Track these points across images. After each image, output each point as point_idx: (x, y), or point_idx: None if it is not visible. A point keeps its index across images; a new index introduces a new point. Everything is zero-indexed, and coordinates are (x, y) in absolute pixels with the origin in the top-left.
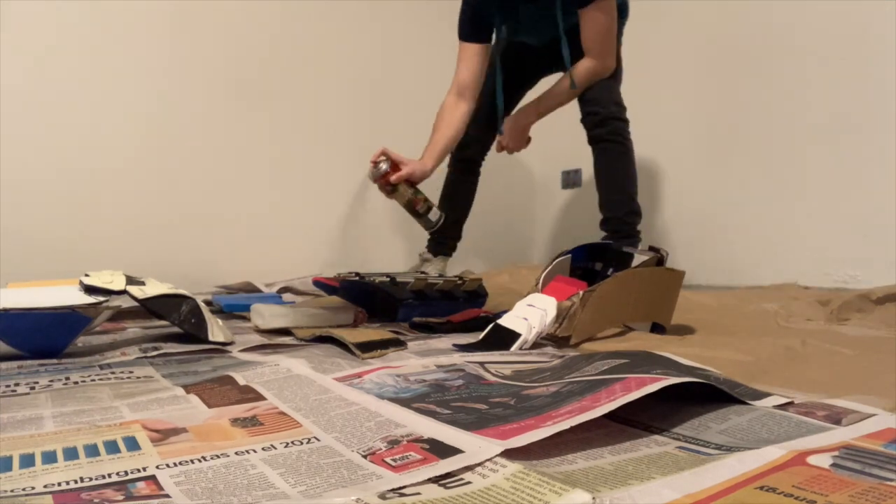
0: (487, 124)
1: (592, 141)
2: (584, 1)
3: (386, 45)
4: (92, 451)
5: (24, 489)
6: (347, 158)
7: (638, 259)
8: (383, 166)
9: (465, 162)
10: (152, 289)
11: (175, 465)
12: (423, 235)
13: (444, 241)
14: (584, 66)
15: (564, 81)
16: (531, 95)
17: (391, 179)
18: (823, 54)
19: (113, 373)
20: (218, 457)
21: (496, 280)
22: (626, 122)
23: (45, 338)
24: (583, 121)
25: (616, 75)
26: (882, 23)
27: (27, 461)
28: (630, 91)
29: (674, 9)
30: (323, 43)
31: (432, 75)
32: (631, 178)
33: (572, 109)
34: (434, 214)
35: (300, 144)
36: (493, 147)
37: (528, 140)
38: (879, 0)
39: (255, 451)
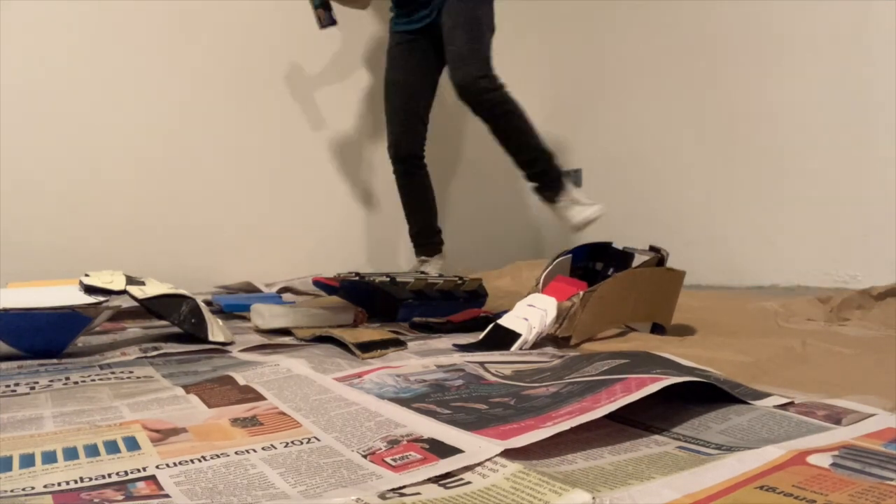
0: (410, 117)
1: (476, 114)
2: None
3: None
4: (92, 451)
5: (24, 489)
6: (347, 159)
7: (638, 259)
8: None
9: (404, 162)
10: (152, 289)
11: (175, 465)
12: None
13: (426, 243)
14: None
15: None
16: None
17: None
18: (824, 55)
19: (113, 373)
20: (218, 457)
21: (497, 283)
22: (497, 88)
23: (45, 338)
24: (458, 97)
25: (481, 34)
26: (882, 24)
27: (27, 461)
28: (630, 91)
29: (675, 9)
30: (323, 45)
31: None
32: (529, 132)
33: (577, 112)
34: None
35: (300, 145)
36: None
37: None
38: (879, 1)
39: (255, 451)
